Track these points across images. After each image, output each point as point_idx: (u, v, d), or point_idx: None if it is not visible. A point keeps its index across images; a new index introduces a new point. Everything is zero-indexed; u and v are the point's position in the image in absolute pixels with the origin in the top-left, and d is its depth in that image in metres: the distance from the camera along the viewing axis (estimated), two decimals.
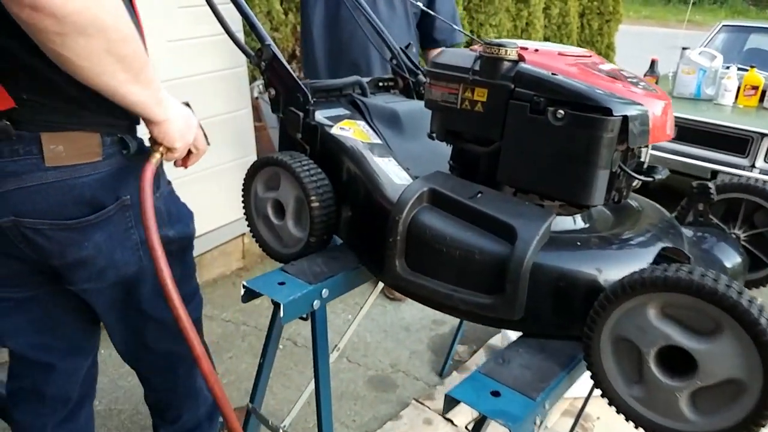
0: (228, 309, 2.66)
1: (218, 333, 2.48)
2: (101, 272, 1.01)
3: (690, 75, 3.98)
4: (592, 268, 0.86)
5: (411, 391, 2.21)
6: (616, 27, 6.90)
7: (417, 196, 0.94)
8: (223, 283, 2.87)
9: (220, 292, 2.79)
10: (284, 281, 1.00)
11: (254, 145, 3.04)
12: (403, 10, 2.44)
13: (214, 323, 2.55)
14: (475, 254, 0.88)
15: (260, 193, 1.19)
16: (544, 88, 0.89)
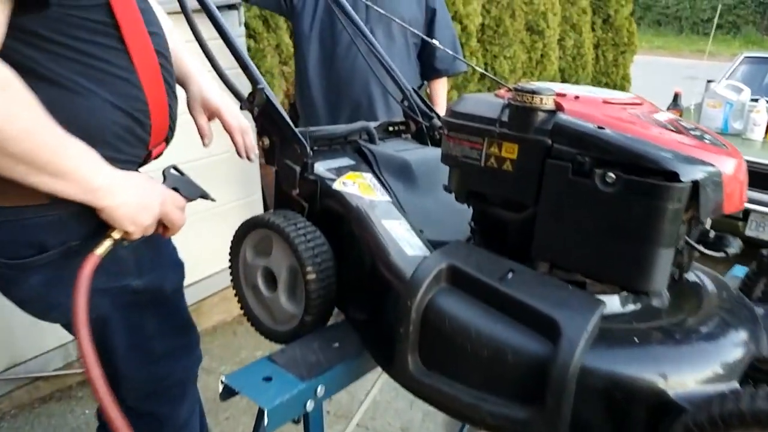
0: (227, 361, 2.48)
1: (215, 389, 2.28)
2: (44, 313, 1.02)
3: (716, 108, 3.81)
4: (655, 372, 0.68)
5: None
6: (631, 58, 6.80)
7: (434, 275, 0.76)
8: (223, 331, 2.70)
9: (220, 341, 2.62)
10: (271, 376, 0.82)
11: (259, 183, 2.90)
12: (403, 41, 2.31)
13: (211, 378, 2.36)
14: (508, 354, 0.70)
15: (249, 259, 1.03)
16: (589, 145, 0.72)
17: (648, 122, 0.77)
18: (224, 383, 0.81)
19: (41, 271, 0.92)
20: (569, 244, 0.76)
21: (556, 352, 0.66)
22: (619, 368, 0.68)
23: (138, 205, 0.87)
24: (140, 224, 0.88)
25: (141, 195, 0.88)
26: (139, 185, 0.89)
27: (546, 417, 0.67)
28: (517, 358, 0.69)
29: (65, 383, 2.20)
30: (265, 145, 1.05)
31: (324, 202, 1.02)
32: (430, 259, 0.78)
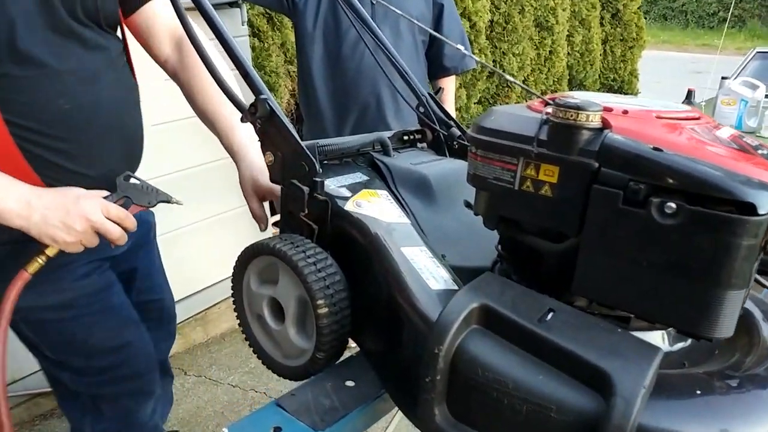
0: (235, 371, 2.41)
1: (224, 401, 2.22)
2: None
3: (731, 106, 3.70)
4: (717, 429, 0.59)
5: None
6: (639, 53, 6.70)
7: (464, 316, 0.67)
8: (232, 339, 2.62)
9: (228, 350, 2.54)
10: (280, 426, 0.74)
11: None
12: (411, 39, 2.21)
13: (219, 389, 2.29)
14: (551, 411, 0.61)
15: (254, 288, 0.94)
16: (644, 170, 0.63)
17: (710, 141, 0.67)
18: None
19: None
20: (617, 280, 0.66)
21: (610, 412, 0.57)
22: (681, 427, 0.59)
23: (57, 222, 0.86)
24: (62, 240, 0.88)
25: (57, 211, 0.87)
26: (53, 202, 0.88)
27: None
28: (561, 415, 0.60)
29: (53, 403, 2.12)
30: (269, 161, 0.96)
31: (336, 224, 0.93)
32: (459, 297, 0.69)
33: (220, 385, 2.32)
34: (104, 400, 1.23)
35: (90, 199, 0.92)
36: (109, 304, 1.18)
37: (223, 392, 2.29)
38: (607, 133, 0.67)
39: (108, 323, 1.17)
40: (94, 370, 1.18)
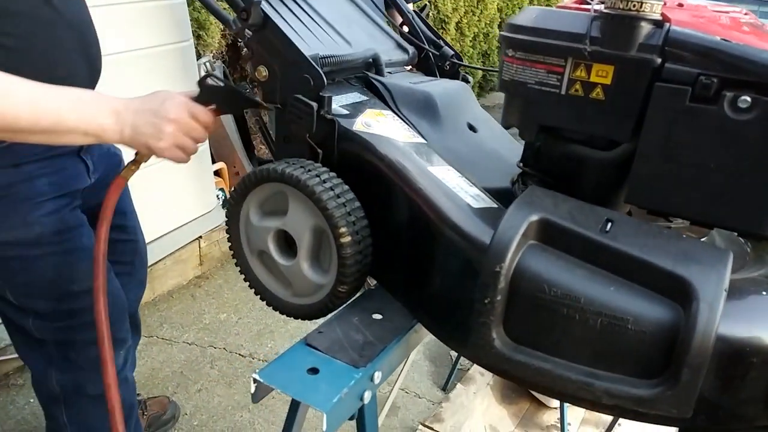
0: (189, 328, 2.27)
1: (181, 360, 2.09)
2: None
3: None
4: None
5: (415, 413, 1.93)
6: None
7: (523, 232, 0.62)
8: (180, 296, 2.46)
9: (178, 307, 2.39)
10: (317, 367, 0.66)
11: None
12: None
13: (174, 348, 2.15)
14: (628, 323, 0.57)
15: (255, 221, 0.83)
16: (716, 63, 0.58)
17: (766, 32, 0.64)
18: (258, 381, 0.64)
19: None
20: (678, 185, 0.63)
21: (694, 319, 0.55)
22: (757, 330, 0.57)
23: (147, 129, 0.81)
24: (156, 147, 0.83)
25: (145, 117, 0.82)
26: (140, 108, 0.82)
27: (679, 393, 0.56)
28: (639, 327, 0.57)
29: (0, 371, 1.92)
30: (263, 77, 0.84)
31: (343, 148, 0.83)
32: (514, 213, 0.63)
33: (175, 344, 2.19)
34: (72, 347, 1.12)
35: (175, 102, 0.84)
36: (79, 243, 1.07)
37: (179, 351, 2.15)
38: (670, 26, 0.61)
39: (77, 264, 1.06)
40: (62, 314, 1.08)
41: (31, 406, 1.82)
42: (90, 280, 1.09)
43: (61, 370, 1.14)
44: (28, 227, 0.99)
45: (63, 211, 1.03)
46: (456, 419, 1.88)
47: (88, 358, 1.15)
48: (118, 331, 1.18)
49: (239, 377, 2.02)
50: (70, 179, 1.03)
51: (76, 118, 0.78)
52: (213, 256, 2.67)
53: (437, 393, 2.02)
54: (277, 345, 2.19)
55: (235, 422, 1.82)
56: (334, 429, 0.61)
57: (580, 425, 1.90)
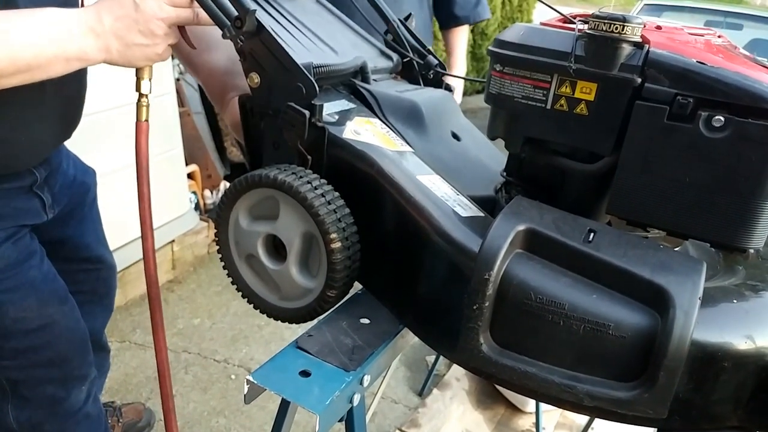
0: None
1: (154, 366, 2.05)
2: None
3: None
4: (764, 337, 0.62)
5: (391, 418, 1.94)
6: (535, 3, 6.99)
7: (510, 240, 0.64)
8: None
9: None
10: (308, 369, 0.67)
11: (180, 135, 2.58)
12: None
13: (147, 353, 2.12)
14: (609, 329, 0.60)
15: (245, 225, 0.84)
16: (693, 84, 0.62)
17: (740, 56, 0.68)
18: (251, 382, 0.65)
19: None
20: (655, 198, 0.66)
21: (671, 326, 0.58)
22: (727, 336, 0.61)
23: (138, 39, 0.77)
24: (154, 55, 0.80)
25: (128, 29, 0.76)
26: (118, 22, 0.76)
27: (656, 395, 0.59)
28: (619, 333, 0.60)
29: None
30: (254, 84, 0.85)
31: (333, 154, 0.85)
32: (501, 222, 0.66)
33: (148, 349, 2.15)
34: (25, 386, 1.05)
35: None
36: (26, 278, 0.99)
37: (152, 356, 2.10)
38: (649, 48, 0.65)
39: (24, 300, 0.99)
40: (9, 352, 1.01)
41: None
42: (43, 317, 1.01)
43: (17, 407, 1.07)
44: None
45: (6, 244, 0.96)
46: (433, 424, 1.90)
47: (44, 396, 1.08)
48: (79, 368, 1.13)
49: (214, 383, 2.00)
50: (19, 214, 0.98)
51: (53, 47, 0.73)
52: (186, 260, 2.64)
53: (413, 398, 2.05)
54: (251, 350, 2.18)
55: (211, 428, 1.81)
56: (326, 430, 0.63)
57: (554, 429, 1.95)
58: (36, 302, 1.00)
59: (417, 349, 2.29)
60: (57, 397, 1.09)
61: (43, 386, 1.07)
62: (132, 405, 1.75)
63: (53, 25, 0.73)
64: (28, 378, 1.05)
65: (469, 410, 1.99)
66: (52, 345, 1.04)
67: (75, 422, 1.12)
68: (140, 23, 0.76)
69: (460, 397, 2.05)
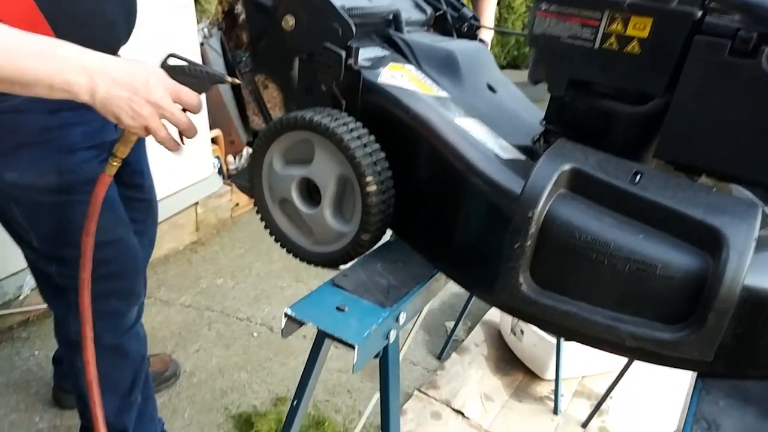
0: (186, 291, 2.27)
1: (179, 322, 2.10)
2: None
3: None
4: None
5: (410, 379, 1.96)
6: None
7: (554, 180, 0.62)
8: (177, 260, 2.46)
9: (175, 271, 2.39)
10: (344, 304, 0.67)
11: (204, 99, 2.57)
12: None
13: (172, 310, 2.16)
14: (656, 269, 0.59)
15: (278, 169, 0.83)
16: (756, 18, 0.59)
17: None
18: (289, 315, 0.65)
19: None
20: (710, 139, 0.64)
21: (723, 267, 0.56)
22: None
23: (123, 104, 0.75)
24: (127, 123, 0.76)
25: (124, 91, 0.75)
26: (120, 79, 0.74)
27: (703, 337, 0.58)
28: (667, 273, 0.59)
29: (4, 323, 1.91)
30: (289, 26, 0.83)
31: (367, 100, 0.83)
32: (545, 162, 0.64)
33: (173, 306, 2.19)
34: (92, 297, 1.12)
35: (160, 82, 0.77)
36: (107, 195, 1.06)
37: (177, 312, 2.16)
38: None
39: (104, 215, 1.05)
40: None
41: (36, 357, 1.83)
42: (115, 232, 1.11)
43: (80, 320, 1.15)
44: (61, 174, 1.01)
45: (93, 162, 1.05)
46: (451, 387, 1.92)
47: (107, 309, 1.16)
48: (134, 285, 1.21)
49: (237, 339, 2.03)
50: (100, 131, 1.05)
51: (40, 69, 0.70)
52: (209, 222, 2.66)
53: (432, 361, 2.06)
54: (274, 310, 2.20)
55: (234, 381, 1.84)
56: (363, 364, 0.63)
57: (573, 397, 1.95)
58: (111, 218, 1.10)
59: (436, 315, 2.30)
60: (118, 311, 1.18)
61: (107, 299, 1.14)
62: (158, 356, 1.79)
63: (51, 52, 0.71)
64: (96, 289, 1.11)
65: (488, 375, 2.00)
66: (119, 260, 1.13)
67: (129, 338, 1.21)
68: (137, 95, 0.75)
69: (478, 362, 2.06)
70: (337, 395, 1.85)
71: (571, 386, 2.00)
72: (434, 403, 1.86)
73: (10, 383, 1.73)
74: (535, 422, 1.83)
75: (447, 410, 1.83)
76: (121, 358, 1.22)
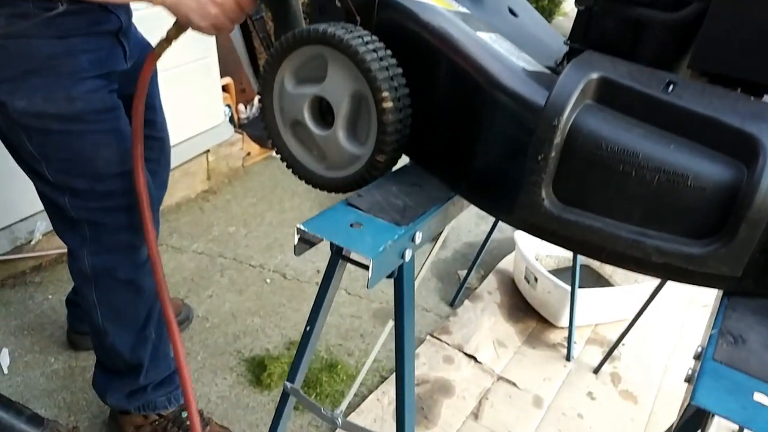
0: (198, 239, 2.28)
1: (191, 268, 2.11)
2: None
3: None
4: None
5: (422, 325, 1.96)
6: None
7: (581, 89, 0.59)
8: (189, 208, 2.46)
9: (186, 219, 2.39)
10: (359, 222, 0.65)
11: (214, 42, 2.52)
12: None
13: (185, 256, 2.17)
14: (687, 180, 0.56)
15: (290, 89, 0.80)
16: None
17: None
18: (303, 231, 0.63)
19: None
20: (750, 46, 0.60)
21: (759, 175, 0.53)
22: None
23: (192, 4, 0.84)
24: (197, 24, 0.87)
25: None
26: None
27: (733, 251, 0.55)
28: (698, 184, 0.56)
29: (17, 268, 1.93)
30: None
31: (384, 16, 0.79)
32: (572, 71, 0.61)
33: (185, 253, 2.20)
34: (105, 229, 1.14)
35: None
36: (117, 125, 1.08)
37: (189, 259, 2.17)
38: None
39: (115, 146, 1.08)
40: (96, 194, 1.09)
41: (49, 301, 1.85)
42: (126, 164, 1.10)
43: (93, 252, 1.16)
44: (70, 102, 1.00)
45: (102, 91, 1.04)
46: (464, 332, 1.93)
47: (119, 242, 1.16)
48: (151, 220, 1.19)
49: (250, 285, 2.04)
50: (108, 59, 1.04)
51: None
52: (220, 171, 2.65)
53: (445, 308, 2.06)
54: (287, 258, 2.21)
55: (247, 326, 1.86)
56: (378, 279, 0.61)
57: (585, 344, 1.95)
58: (123, 149, 1.09)
59: (449, 263, 2.29)
60: (132, 244, 1.17)
61: (120, 232, 1.15)
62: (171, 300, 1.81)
63: None
64: (109, 222, 1.14)
65: (501, 322, 2.00)
66: (132, 193, 1.12)
67: (143, 273, 1.21)
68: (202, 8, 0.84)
69: (491, 309, 2.06)
70: (350, 339, 1.87)
71: (584, 334, 2.00)
72: (447, 347, 1.87)
73: (25, 326, 1.76)
74: (547, 368, 1.84)
75: (459, 355, 1.84)
76: (135, 294, 1.23)
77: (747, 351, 0.54)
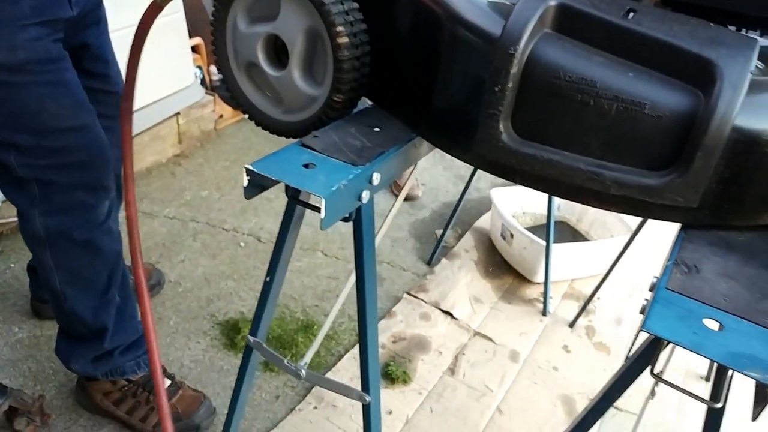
0: (170, 204, 2.24)
1: (163, 233, 2.08)
2: None
3: None
4: None
5: (400, 284, 1.97)
6: None
7: (539, 16, 0.57)
8: (160, 173, 2.41)
9: (157, 184, 2.34)
10: (313, 162, 0.63)
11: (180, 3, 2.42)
12: None
13: (156, 221, 2.13)
14: (645, 108, 0.54)
15: (243, 28, 0.76)
16: None
17: None
18: (251, 171, 0.61)
19: None
20: None
21: (716, 101, 0.52)
22: None
23: None
24: None
25: None
26: None
27: (689, 180, 0.54)
28: (655, 112, 0.54)
29: None
30: None
31: None
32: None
33: (156, 218, 2.16)
34: (56, 188, 1.09)
35: None
36: (64, 77, 1.02)
37: (161, 224, 2.13)
38: None
39: (63, 99, 1.02)
40: (44, 150, 1.04)
41: (12, 270, 1.81)
42: (78, 118, 1.05)
43: (45, 213, 1.11)
44: (12, 51, 0.94)
45: (46, 40, 0.98)
46: (440, 290, 1.93)
47: (73, 201, 1.11)
48: (103, 178, 1.15)
49: (223, 249, 2.02)
50: (51, 5, 0.98)
51: None
52: (192, 134, 2.58)
53: (422, 267, 2.06)
54: (261, 221, 2.18)
55: (220, 290, 1.85)
56: (332, 221, 0.59)
57: (562, 299, 1.97)
58: (72, 102, 1.04)
59: (427, 223, 2.29)
60: (86, 203, 1.13)
61: (73, 190, 1.10)
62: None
63: None
64: (60, 180, 1.08)
65: (477, 279, 2.01)
66: (84, 148, 1.08)
67: (100, 233, 1.17)
68: None
69: (468, 266, 2.07)
70: (326, 300, 1.86)
71: (560, 289, 2.02)
72: (423, 305, 1.88)
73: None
74: (523, 323, 1.86)
75: (436, 312, 1.85)
76: (94, 255, 1.19)
77: (700, 279, 0.54)
